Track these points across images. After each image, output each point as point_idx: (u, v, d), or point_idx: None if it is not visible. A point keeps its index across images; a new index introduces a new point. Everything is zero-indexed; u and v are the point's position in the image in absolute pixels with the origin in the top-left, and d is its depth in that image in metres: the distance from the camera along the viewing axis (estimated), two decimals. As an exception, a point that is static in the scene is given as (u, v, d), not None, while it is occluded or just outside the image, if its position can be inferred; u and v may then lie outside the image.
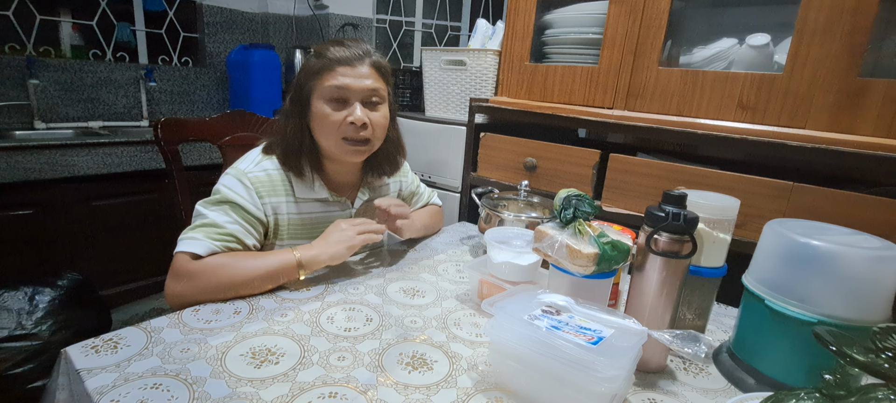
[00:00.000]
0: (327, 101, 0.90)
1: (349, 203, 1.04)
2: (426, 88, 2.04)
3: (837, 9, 0.95)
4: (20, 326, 1.37)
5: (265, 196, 0.92)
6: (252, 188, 0.90)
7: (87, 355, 0.61)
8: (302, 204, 0.97)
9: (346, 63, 0.90)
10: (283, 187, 0.94)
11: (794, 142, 1.00)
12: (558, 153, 1.31)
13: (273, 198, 0.93)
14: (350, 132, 0.91)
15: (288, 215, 0.95)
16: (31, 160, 1.73)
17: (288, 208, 0.95)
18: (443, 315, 0.81)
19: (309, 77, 0.91)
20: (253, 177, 0.91)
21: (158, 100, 2.55)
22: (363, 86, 0.90)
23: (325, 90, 0.89)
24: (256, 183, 0.91)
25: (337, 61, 0.89)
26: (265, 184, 0.92)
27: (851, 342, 0.43)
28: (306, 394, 0.58)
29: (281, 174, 0.94)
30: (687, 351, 0.56)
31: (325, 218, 0.98)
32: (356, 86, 0.90)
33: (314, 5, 2.78)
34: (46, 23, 2.22)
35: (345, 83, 0.89)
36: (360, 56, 0.91)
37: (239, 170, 0.91)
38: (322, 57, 0.90)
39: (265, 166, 0.94)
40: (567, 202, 0.71)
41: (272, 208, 0.93)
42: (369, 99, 0.92)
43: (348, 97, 0.90)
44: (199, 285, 0.79)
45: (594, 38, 1.33)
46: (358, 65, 0.90)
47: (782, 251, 0.64)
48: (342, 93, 0.90)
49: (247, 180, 0.90)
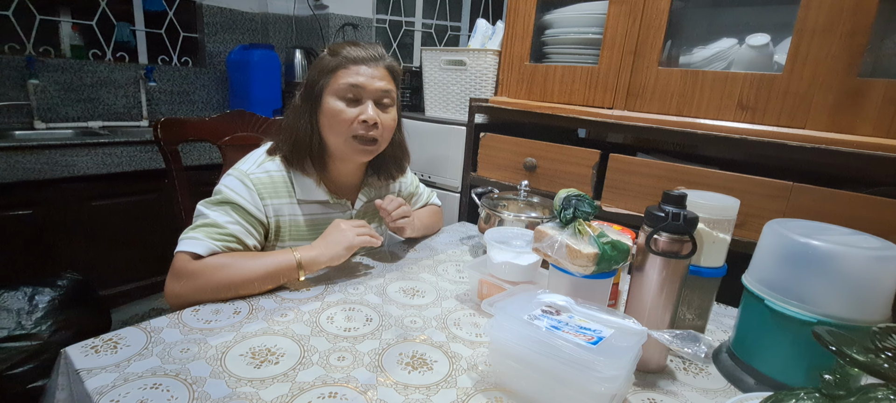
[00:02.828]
0: (341, 99, 0.91)
1: (350, 204, 1.04)
2: (426, 88, 2.04)
3: (837, 9, 0.95)
4: (20, 326, 1.37)
5: (267, 197, 0.92)
6: (254, 189, 0.90)
7: (86, 355, 0.61)
8: (303, 205, 0.97)
9: (362, 62, 0.91)
10: (285, 189, 0.95)
11: (793, 142, 1.00)
12: (558, 153, 1.31)
13: (275, 199, 0.93)
14: (361, 130, 0.92)
15: (289, 217, 0.95)
16: (31, 160, 1.73)
17: (289, 209, 0.95)
18: (443, 315, 0.81)
19: (322, 74, 0.92)
20: (255, 178, 0.91)
21: (158, 100, 2.55)
22: (377, 87, 0.92)
23: (340, 88, 0.90)
24: (258, 184, 0.91)
25: (353, 60, 0.91)
26: (267, 186, 0.92)
27: (851, 342, 0.43)
28: (306, 394, 0.58)
29: (283, 175, 0.95)
30: (687, 351, 0.56)
31: (325, 220, 0.98)
32: (370, 85, 0.91)
33: (314, 5, 2.78)
34: (46, 23, 2.22)
35: (360, 81, 0.90)
36: (375, 57, 0.93)
37: (241, 171, 0.91)
38: (338, 55, 0.92)
39: (267, 167, 0.94)
40: (567, 202, 0.71)
41: (274, 210, 0.93)
42: (381, 100, 0.93)
43: (361, 96, 0.91)
44: (199, 285, 0.79)
45: (594, 38, 1.33)
46: (373, 65, 0.92)
47: (782, 251, 0.64)
48: (356, 92, 0.91)
49: (249, 181, 0.90)
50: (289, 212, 0.95)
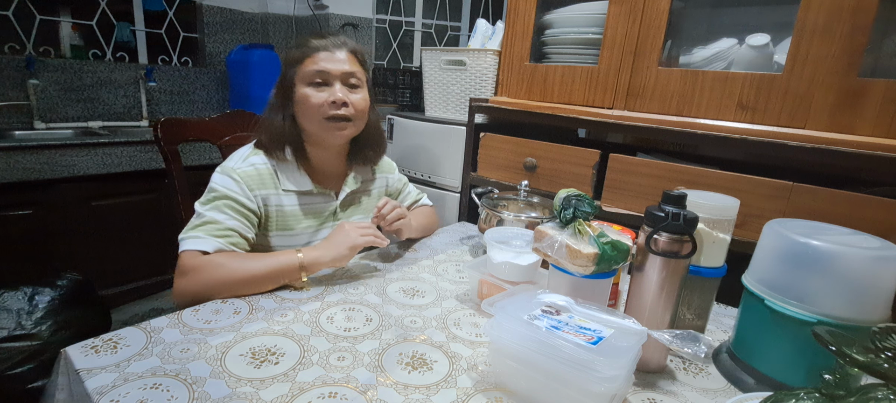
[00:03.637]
0: (309, 85, 0.95)
1: (334, 194, 1.06)
2: (426, 88, 2.04)
3: (837, 9, 0.95)
4: (20, 326, 1.36)
5: (255, 188, 0.95)
6: (242, 181, 0.93)
7: (86, 355, 0.61)
8: (288, 195, 0.99)
9: (324, 49, 0.96)
10: (271, 180, 0.97)
11: (793, 142, 1.00)
12: (558, 153, 1.31)
13: (262, 190, 0.96)
14: (332, 110, 0.95)
15: (276, 207, 0.98)
16: (31, 160, 1.73)
17: (276, 200, 0.98)
18: (443, 315, 0.81)
19: (290, 65, 0.98)
20: (241, 171, 0.94)
21: (158, 100, 2.55)
22: (342, 70, 0.96)
23: (307, 74, 0.95)
24: (245, 177, 0.94)
25: (316, 48, 0.96)
26: (253, 178, 0.95)
27: (851, 342, 0.43)
28: (306, 394, 0.58)
29: (268, 168, 0.98)
30: (687, 351, 0.56)
31: (310, 210, 1.01)
32: (335, 69, 0.95)
33: (314, 5, 2.78)
34: (46, 23, 2.22)
35: (325, 66, 0.95)
36: (337, 43, 0.98)
37: (227, 168, 0.94)
38: (302, 46, 0.97)
39: (253, 161, 0.97)
40: (567, 202, 0.71)
41: (263, 199, 0.96)
42: (348, 81, 0.98)
43: (328, 79, 0.96)
44: (204, 278, 0.80)
45: (594, 38, 1.33)
46: (336, 50, 0.97)
47: (782, 251, 0.64)
48: (322, 76, 0.95)
49: (236, 175, 0.93)
50: (275, 202, 0.97)
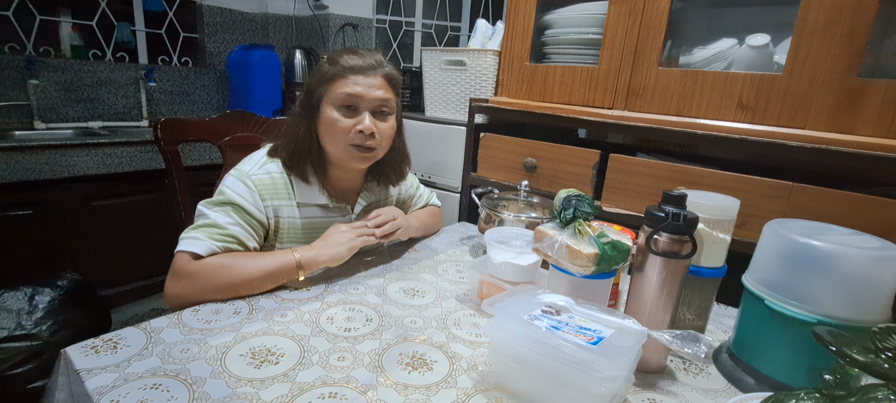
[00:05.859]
0: (338, 108, 0.91)
1: (349, 208, 1.04)
2: (426, 88, 2.04)
3: (837, 9, 0.95)
4: (20, 326, 1.37)
5: (268, 198, 0.92)
6: (255, 190, 0.90)
7: (86, 355, 0.61)
8: (302, 208, 0.97)
9: (359, 72, 0.90)
10: (285, 190, 0.95)
11: (793, 142, 1.00)
12: (558, 153, 1.31)
13: (275, 200, 0.93)
14: (358, 140, 0.91)
15: (288, 219, 0.95)
16: (31, 160, 1.73)
17: (289, 212, 0.95)
18: (443, 315, 0.81)
19: (320, 82, 0.92)
20: (257, 178, 0.91)
21: (158, 101, 2.55)
22: (374, 96, 0.91)
23: (337, 97, 0.90)
24: (260, 185, 0.91)
25: (350, 69, 0.90)
26: (268, 187, 0.92)
27: (851, 342, 0.43)
28: (306, 394, 0.58)
29: (283, 177, 0.95)
30: (687, 351, 0.56)
31: (324, 224, 0.98)
32: (367, 95, 0.90)
33: (314, 5, 2.78)
34: (46, 23, 2.22)
35: (356, 91, 0.89)
36: (372, 66, 0.92)
37: (242, 172, 0.92)
38: (335, 64, 0.91)
39: (269, 169, 0.94)
40: (567, 202, 0.71)
41: (274, 210, 0.93)
42: (379, 109, 0.93)
43: (358, 105, 0.91)
44: (199, 285, 0.79)
45: (594, 39, 1.33)
46: (371, 74, 0.91)
47: (782, 251, 0.64)
48: (353, 101, 0.90)
49: (250, 182, 0.90)
50: (287, 214, 0.95)
